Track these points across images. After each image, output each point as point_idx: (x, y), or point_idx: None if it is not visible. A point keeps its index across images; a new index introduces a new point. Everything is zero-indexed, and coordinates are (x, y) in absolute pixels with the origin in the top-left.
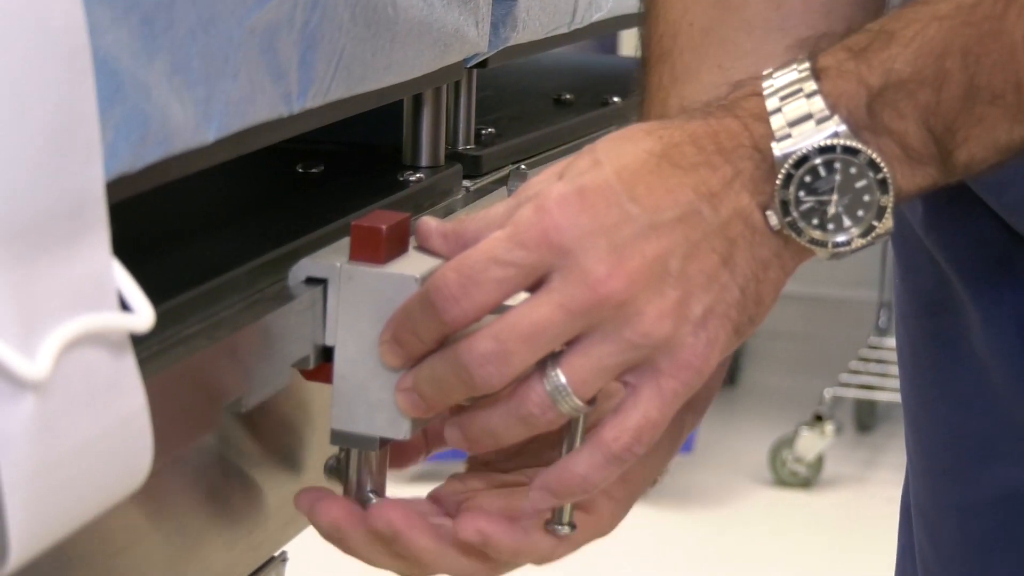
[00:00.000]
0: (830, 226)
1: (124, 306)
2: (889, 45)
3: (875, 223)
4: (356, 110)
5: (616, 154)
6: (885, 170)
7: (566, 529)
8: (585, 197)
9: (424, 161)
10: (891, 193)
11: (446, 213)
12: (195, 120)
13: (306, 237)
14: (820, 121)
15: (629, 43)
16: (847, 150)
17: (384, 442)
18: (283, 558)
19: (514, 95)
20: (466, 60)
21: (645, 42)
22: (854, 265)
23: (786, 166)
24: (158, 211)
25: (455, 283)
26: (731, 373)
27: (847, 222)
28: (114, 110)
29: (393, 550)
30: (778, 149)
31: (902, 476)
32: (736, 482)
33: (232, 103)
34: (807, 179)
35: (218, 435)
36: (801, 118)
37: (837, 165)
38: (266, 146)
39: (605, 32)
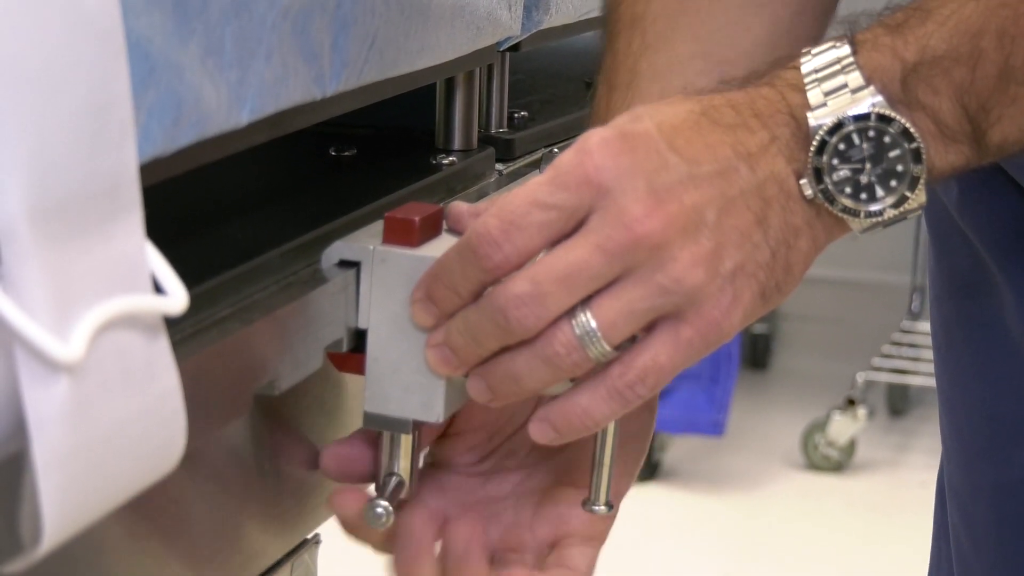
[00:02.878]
0: (863, 195)
1: (158, 289)
2: (925, 22)
3: (908, 194)
4: (389, 93)
5: (656, 109)
6: (919, 140)
7: (603, 508)
8: (626, 140)
9: (457, 144)
10: (924, 164)
11: (479, 197)
12: (228, 103)
13: (339, 220)
14: (856, 91)
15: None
16: (881, 118)
17: (418, 425)
18: (316, 540)
19: (547, 78)
20: (499, 43)
21: (613, 4)
22: (887, 248)
23: (820, 133)
24: (191, 194)
25: (497, 228)
26: (763, 357)
27: (880, 192)
28: (147, 93)
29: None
30: (813, 118)
31: (935, 460)
32: (768, 466)
33: (265, 86)
34: (841, 147)
35: (251, 417)
36: (837, 88)
37: (871, 134)
38: (299, 129)
39: None
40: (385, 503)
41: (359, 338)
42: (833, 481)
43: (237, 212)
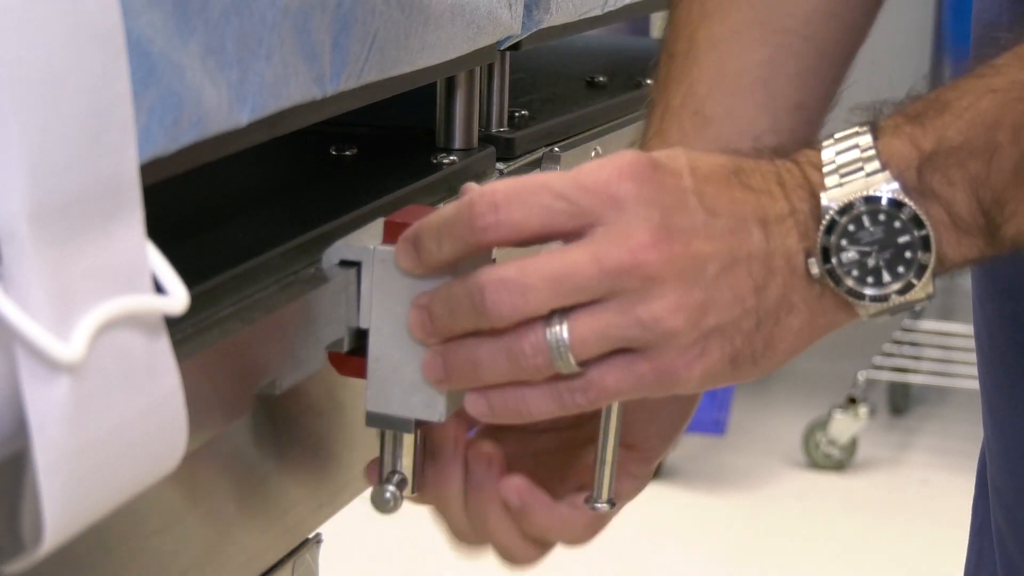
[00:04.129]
0: (869, 279)
1: (158, 288)
2: (943, 113)
3: (914, 281)
4: (389, 92)
5: (694, 155)
6: (928, 228)
7: (605, 506)
8: (656, 171)
9: (457, 143)
10: (933, 252)
11: None
12: (229, 102)
13: (339, 220)
14: (870, 175)
15: (662, 25)
16: (893, 203)
17: (420, 424)
18: (317, 540)
19: (547, 77)
20: (499, 42)
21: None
22: None
23: (831, 212)
24: (192, 194)
25: (501, 193)
26: None
27: (887, 277)
28: (148, 92)
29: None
30: (827, 197)
31: (936, 459)
32: (770, 465)
33: (266, 85)
34: (851, 228)
35: (252, 417)
36: (853, 171)
37: (882, 217)
38: (299, 128)
39: (638, 14)
40: (393, 488)
41: (359, 338)
42: (834, 480)
43: (238, 211)
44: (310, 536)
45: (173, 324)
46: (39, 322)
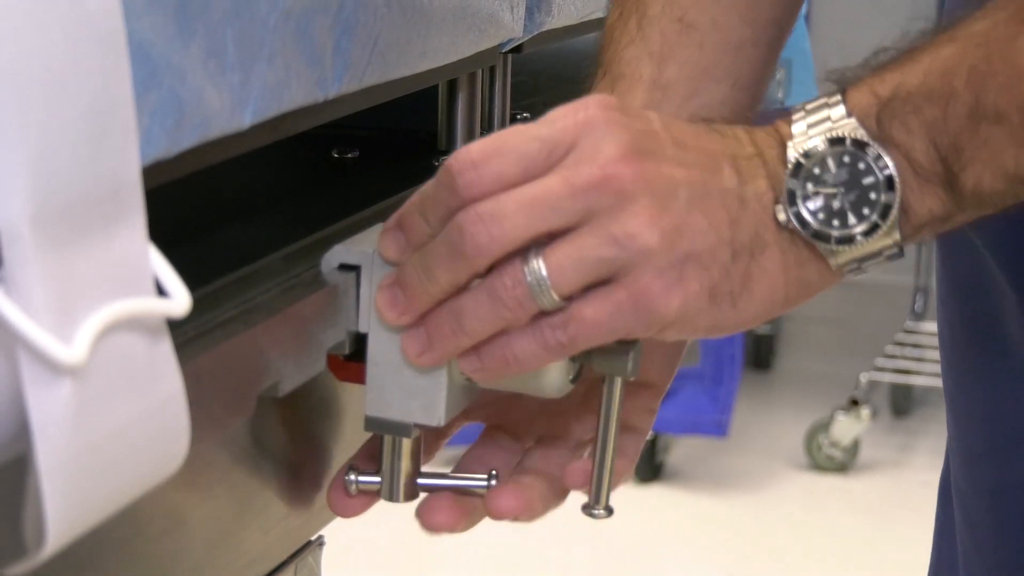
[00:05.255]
0: (835, 221)
1: (160, 291)
2: (904, 64)
3: (880, 222)
4: (391, 95)
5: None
6: (891, 167)
7: (603, 513)
8: (624, 109)
9: (459, 146)
10: (897, 191)
11: None
12: (230, 105)
13: (341, 223)
14: (836, 120)
15: None
16: (856, 143)
17: (419, 428)
18: (320, 542)
19: (549, 80)
20: (501, 45)
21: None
22: None
23: (797, 155)
24: (194, 197)
25: (478, 151)
26: (767, 358)
27: (852, 219)
28: (149, 95)
29: None
30: (792, 145)
31: (938, 460)
32: (772, 466)
33: (267, 88)
34: (816, 171)
35: (254, 420)
36: (821, 120)
37: (846, 159)
38: (301, 131)
39: None
40: (353, 477)
41: (359, 343)
42: (836, 481)
43: (239, 214)
44: (312, 538)
45: (175, 327)
46: (41, 325)
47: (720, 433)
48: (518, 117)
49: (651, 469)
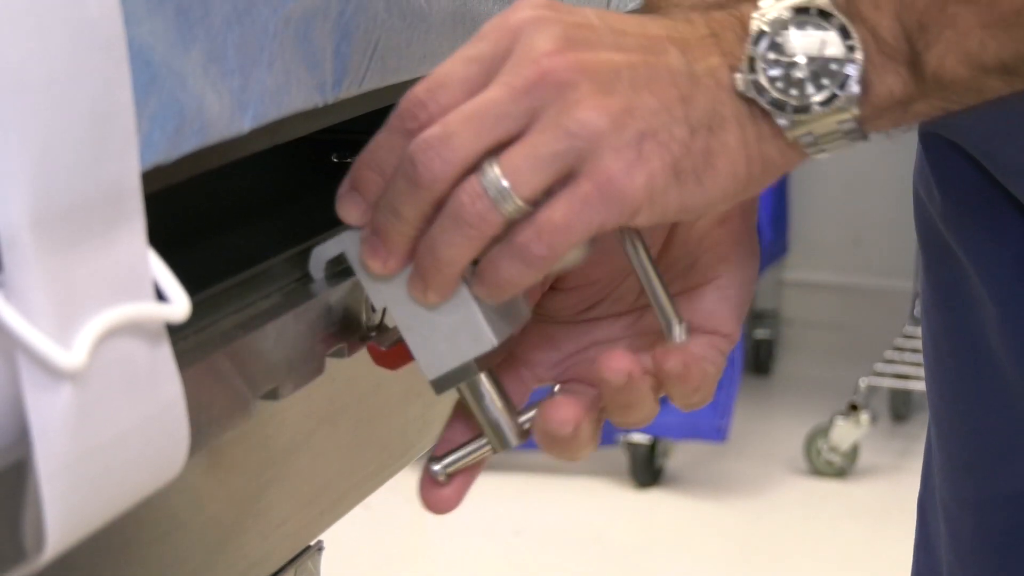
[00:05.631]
0: (793, 91)
1: (160, 296)
2: None
3: (838, 92)
4: (391, 100)
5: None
6: (855, 38)
7: (681, 332)
8: (555, 6)
9: None
10: (858, 63)
11: None
12: (230, 110)
13: (341, 227)
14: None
15: None
16: (821, 13)
17: (479, 360)
18: (319, 547)
19: None
20: None
21: None
22: (889, 254)
23: (760, 24)
24: (193, 201)
25: (423, 90)
26: (766, 362)
27: (810, 88)
28: (149, 100)
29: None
30: (757, 16)
31: None
32: (771, 471)
33: (267, 93)
34: (778, 40)
35: (253, 424)
36: None
37: (809, 28)
38: (301, 136)
39: None
40: (438, 467)
41: (379, 331)
42: (836, 486)
43: (239, 219)
44: (312, 543)
45: (175, 331)
46: (41, 329)
47: (719, 438)
48: None
49: (650, 474)
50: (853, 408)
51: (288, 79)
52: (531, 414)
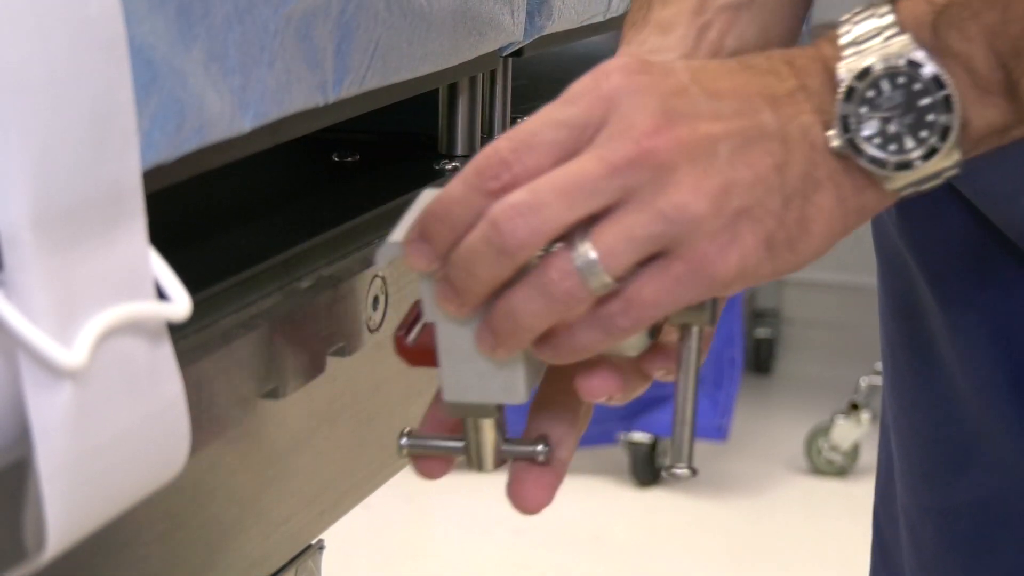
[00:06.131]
0: (891, 147)
1: (161, 295)
2: None
3: (938, 145)
4: (392, 99)
5: (689, 60)
6: (949, 87)
7: (687, 472)
8: (646, 65)
9: (460, 150)
10: (955, 113)
11: None
12: (231, 109)
13: (342, 226)
14: (888, 38)
15: None
16: (911, 64)
17: (500, 407)
18: (320, 546)
19: (549, 84)
20: (501, 49)
21: None
22: None
23: (849, 79)
24: (194, 200)
25: (507, 148)
26: (767, 361)
27: (909, 143)
28: (150, 99)
29: None
30: (843, 66)
31: None
32: (772, 470)
33: (268, 92)
34: (870, 94)
35: (254, 423)
36: (870, 36)
37: (901, 80)
38: (302, 135)
39: None
40: (405, 443)
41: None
42: (836, 485)
43: (240, 218)
44: (312, 542)
45: (176, 330)
46: (42, 328)
47: (720, 437)
48: (518, 121)
49: (651, 473)
50: (854, 407)
51: (289, 78)
52: (519, 450)
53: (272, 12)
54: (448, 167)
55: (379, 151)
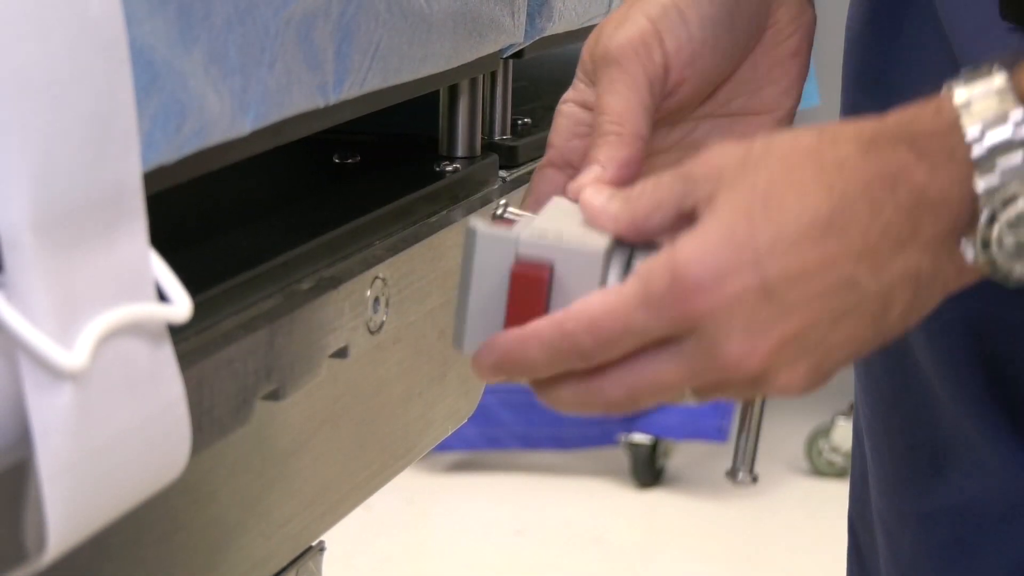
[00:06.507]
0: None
1: (162, 297)
2: None
3: None
4: (392, 101)
5: (779, 201)
6: None
7: (747, 479)
8: (720, 265)
9: (460, 151)
10: None
11: (482, 203)
12: (232, 110)
13: (343, 228)
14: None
15: None
16: None
17: None
18: (320, 547)
19: (550, 85)
20: (502, 50)
21: None
22: None
23: (991, 203)
24: (195, 202)
25: (590, 347)
26: None
27: None
28: (151, 100)
29: None
30: (982, 183)
31: None
32: (772, 471)
33: (268, 93)
34: (1012, 215)
35: (254, 425)
36: (996, 122)
37: None
38: (302, 137)
39: None
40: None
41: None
42: (837, 486)
43: (241, 220)
44: (313, 543)
45: (176, 332)
46: (42, 330)
47: (721, 438)
48: (519, 122)
49: (651, 474)
50: (854, 408)
51: (289, 80)
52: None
53: (273, 13)
54: (448, 168)
55: (380, 152)
